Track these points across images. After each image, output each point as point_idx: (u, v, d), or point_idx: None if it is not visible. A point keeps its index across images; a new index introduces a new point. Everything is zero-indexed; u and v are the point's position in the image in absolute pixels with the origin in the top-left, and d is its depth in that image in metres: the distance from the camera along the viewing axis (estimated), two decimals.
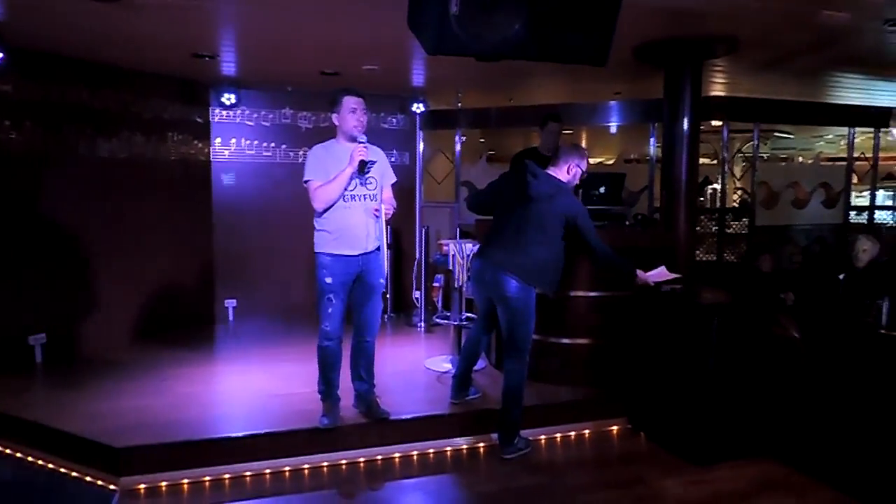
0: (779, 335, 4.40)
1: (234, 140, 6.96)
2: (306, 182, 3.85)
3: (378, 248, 3.99)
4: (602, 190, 4.88)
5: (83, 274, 5.63)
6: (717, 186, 7.34)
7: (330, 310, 3.91)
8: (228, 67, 5.99)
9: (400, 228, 7.50)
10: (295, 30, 4.67)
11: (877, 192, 7.97)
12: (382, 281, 4.07)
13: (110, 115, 5.79)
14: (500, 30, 3.10)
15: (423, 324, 6.83)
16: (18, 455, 4.07)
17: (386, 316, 7.14)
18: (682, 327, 4.16)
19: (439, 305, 6.81)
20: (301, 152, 7.03)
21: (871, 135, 7.74)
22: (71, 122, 5.46)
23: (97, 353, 5.60)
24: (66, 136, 5.44)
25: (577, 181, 4.09)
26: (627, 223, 5.17)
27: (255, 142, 7.02)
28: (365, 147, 3.81)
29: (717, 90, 6.98)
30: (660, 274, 4.06)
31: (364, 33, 4.70)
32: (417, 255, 7.34)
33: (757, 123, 6.73)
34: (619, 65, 5.82)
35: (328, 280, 3.88)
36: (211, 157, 6.89)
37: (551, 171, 4.02)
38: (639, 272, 4.03)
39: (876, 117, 7.51)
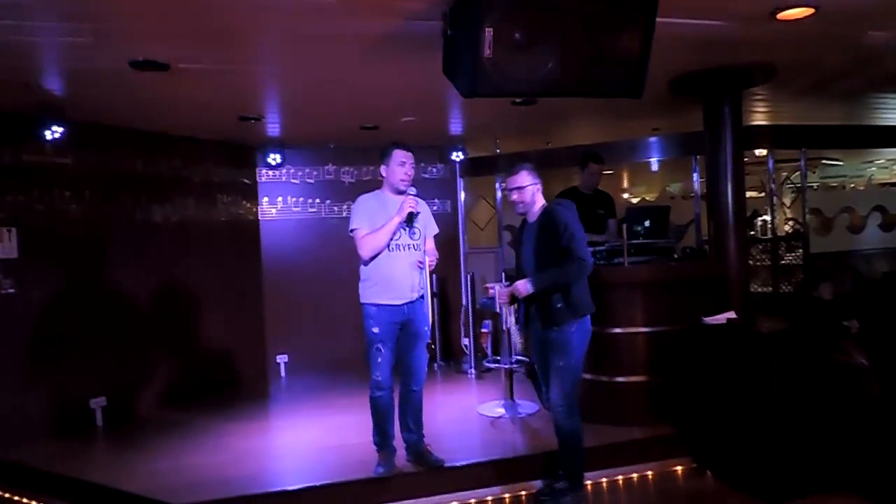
0: (843, 362, 4.21)
1: (280, 198, 7.16)
2: (353, 231, 3.92)
3: (422, 297, 4.01)
4: (647, 224, 4.81)
5: (139, 337, 5.78)
6: (767, 218, 7.16)
7: (379, 359, 3.92)
8: (273, 128, 6.22)
9: (445, 276, 7.51)
10: (334, 86, 4.83)
11: None
12: (427, 329, 4.06)
13: (163, 180, 6.05)
14: (534, 70, 3.15)
15: (473, 370, 6.75)
16: None
17: (435, 364, 7.10)
18: (742, 358, 4.01)
19: (489, 351, 6.74)
20: (345, 206, 7.18)
21: None
22: (126, 189, 5.72)
23: (154, 414, 5.71)
24: (122, 204, 5.70)
25: (517, 209, 3.89)
26: (675, 256, 5.06)
27: (301, 199, 7.22)
28: (415, 199, 3.89)
29: (760, 119, 6.89)
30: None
31: (400, 85, 4.84)
32: (464, 302, 7.32)
33: (803, 151, 6.59)
34: (655, 100, 5.82)
35: (375, 330, 3.91)
36: (259, 216, 7.10)
37: None
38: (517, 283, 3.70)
39: None
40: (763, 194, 7.98)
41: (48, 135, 4.91)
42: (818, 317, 5.37)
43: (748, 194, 6.03)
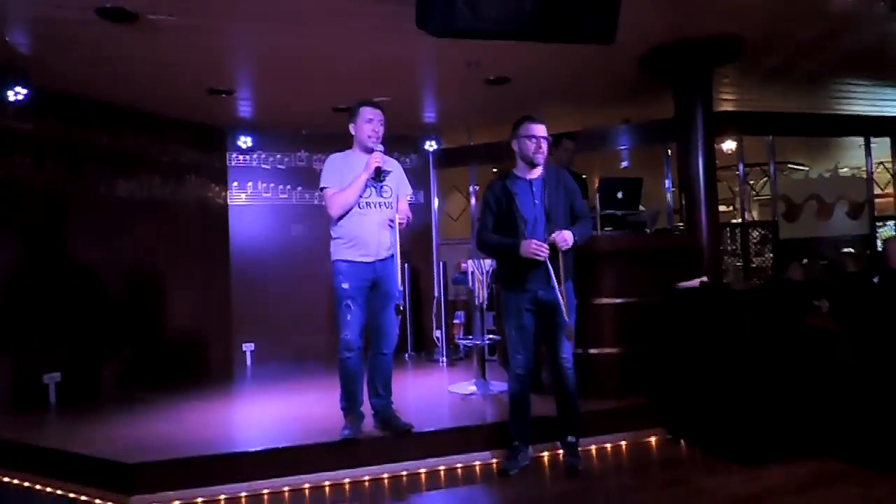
0: (816, 327, 4.21)
1: (250, 183, 7.05)
2: (322, 189, 3.86)
3: (392, 256, 3.93)
4: (619, 195, 4.80)
5: (99, 314, 5.59)
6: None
7: (349, 317, 3.81)
8: (245, 107, 6.13)
9: (418, 267, 7.44)
10: (307, 53, 4.79)
11: None
12: (398, 290, 3.97)
13: (129, 156, 5.91)
14: (508, 8, 3.13)
15: (444, 359, 6.64)
16: (26, 484, 3.91)
17: (406, 354, 6.99)
18: (716, 319, 3.98)
19: (461, 344, 6.64)
20: (317, 194, 7.07)
21: (889, 165, 7.74)
22: (91, 162, 5.58)
23: (112, 393, 5.50)
24: (86, 176, 5.55)
25: (537, 160, 3.68)
26: (647, 231, 5.06)
27: (272, 184, 7.11)
28: (381, 155, 3.83)
29: (728, 107, 6.99)
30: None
31: (373, 53, 4.82)
32: (436, 294, 7.24)
33: (771, 145, 6.69)
34: (627, 85, 5.91)
35: (345, 286, 3.81)
36: (228, 200, 6.97)
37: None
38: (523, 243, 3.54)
39: (891, 125, 7.48)
40: (732, 208, 8.10)
41: (10, 96, 4.77)
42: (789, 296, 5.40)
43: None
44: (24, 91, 4.79)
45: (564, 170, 3.87)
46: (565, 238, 3.48)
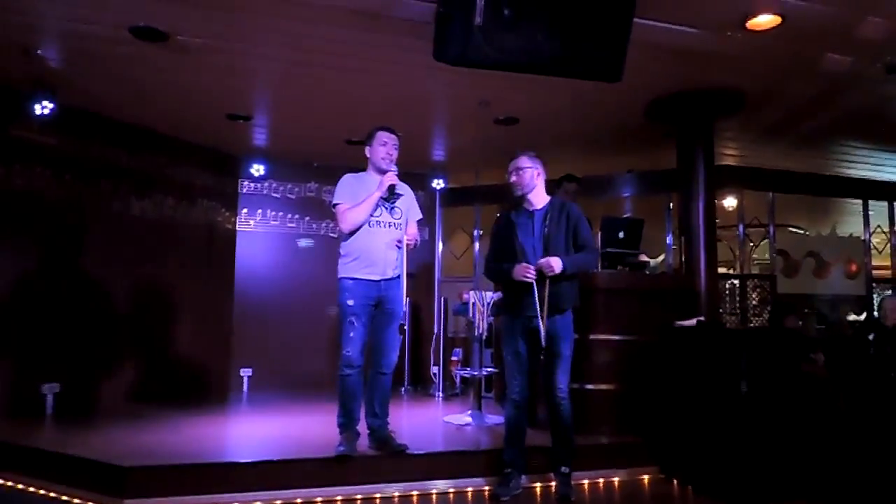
0: (810, 373, 4.26)
1: (259, 211, 7.19)
2: (336, 205, 3.96)
3: (398, 277, 4.02)
4: (621, 235, 4.92)
5: (102, 329, 5.65)
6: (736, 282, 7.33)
7: (352, 334, 3.87)
8: (260, 134, 6.33)
9: (419, 303, 7.50)
10: (324, 82, 5.00)
11: None
12: (401, 310, 4.05)
13: (145, 176, 6.07)
14: (522, 41, 3.31)
15: (440, 394, 6.65)
16: (20, 486, 3.90)
17: (402, 389, 6.98)
18: (711, 358, 4.04)
19: (458, 376, 6.66)
20: (324, 225, 7.23)
21: (886, 234, 7.94)
22: (108, 179, 5.73)
23: (109, 407, 5.49)
24: (102, 193, 5.70)
25: (515, 190, 3.87)
26: (647, 273, 5.16)
27: (280, 213, 7.25)
28: (396, 175, 3.97)
29: (730, 162, 7.17)
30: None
31: (387, 87, 5.02)
32: (436, 330, 7.28)
33: (772, 202, 6.82)
34: (632, 132, 6.11)
35: (350, 302, 3.88)
36: (237, 226, 7.10)
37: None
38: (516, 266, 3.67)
39: (889, 189, 7.68)
40: (732, 270, 8.22)
41: (38, 110, 4.94)
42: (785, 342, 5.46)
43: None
44: (51, 106, 4.97)
45: (572, 203, 3.96)
46: (550, 263, 3.56)
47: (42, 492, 3.78)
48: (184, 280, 6.39)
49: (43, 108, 4.97)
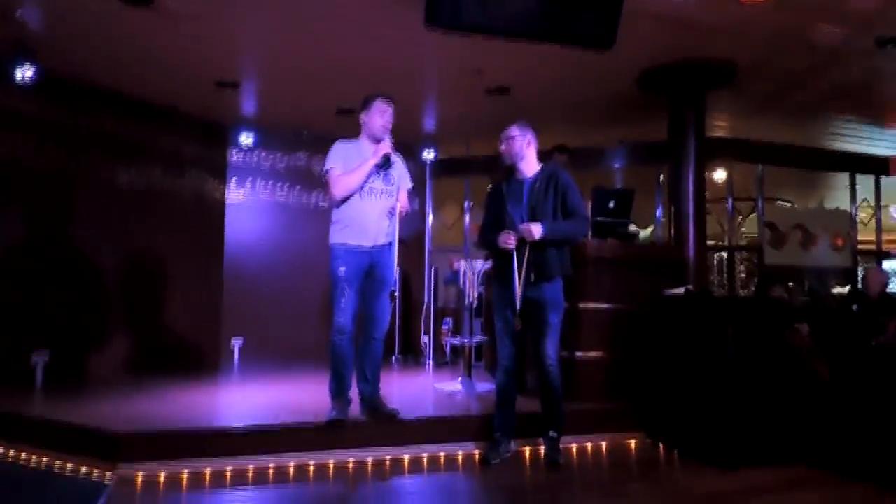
0: (794, 343, 4.33)
1: (248, 181, 7.14)
2: (327, 170, 3.93)
3: (390, 244, 4.02)
4: (611, 205, 4.94)
5: (91, 299, 5.63)
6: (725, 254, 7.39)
7: (343, 301, 3.88)
8: (249, 102, 6.25)
9: (409, 272, 7.52)
10: (314, 48, 4.92)
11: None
12: (393, 277, 4.06)
13: (132, 145, 6.00)
14: (514, 5, 3.29)
15: (431, 362, 6.70)
16: (12, 453, 3.91)
17: (393, 357, 7.03)
18: (699, 326, 4.10)
19: (448, 343, 6.72)
20: (314, 195, 7.20)
21: (872, 208, 8.01)
22: (94, 147, 5.66)
23: (98, 378, 5.49)
24: (88, 161, 5.63)
25: (505, 159, 3.92)
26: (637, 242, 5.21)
27: (270, 183, 7.20)
28: (390, 143, 3.95)
29: (721, 133, 7.18)
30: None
31: (378, 52, 4.95)
32: (426, 300, 7.32)
33: (761, 175, 6.85)
34: (624, 102, 6.09)
35: (342, 269, 3.88)
36: (225, 196, 7.05)
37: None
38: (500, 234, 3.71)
39: (876, 164, 7.73)
40: (719, 243, 8.28)
41: (18, 75, 4.83)
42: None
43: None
44: (32, 69, 4.85)
45: (563, 170, 3.93)
46: (529, 228, 3.60)
47: (34, 457, 3.80)
48: (173, 249, 6.36)
49: (24, 71, 4.85)
